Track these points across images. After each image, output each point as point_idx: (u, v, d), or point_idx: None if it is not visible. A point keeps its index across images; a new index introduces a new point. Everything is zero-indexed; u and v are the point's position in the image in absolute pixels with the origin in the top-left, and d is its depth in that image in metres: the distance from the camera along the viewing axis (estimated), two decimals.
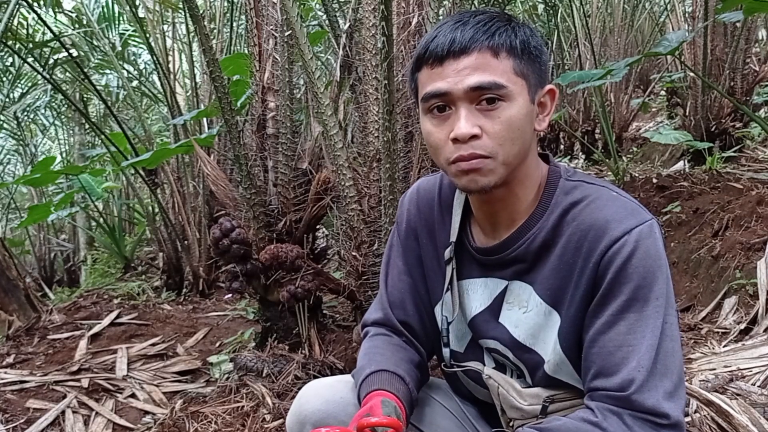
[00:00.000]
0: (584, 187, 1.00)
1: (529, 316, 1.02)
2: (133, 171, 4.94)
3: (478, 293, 1.08)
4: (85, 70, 4.94)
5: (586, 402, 0.94)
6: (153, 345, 2.95)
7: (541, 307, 1.00)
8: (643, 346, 0.90)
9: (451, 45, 0.92)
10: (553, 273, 0.99)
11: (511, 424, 1.06)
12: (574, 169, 1.06)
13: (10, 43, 4.46)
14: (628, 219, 0.93)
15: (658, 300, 0.91)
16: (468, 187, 0.97)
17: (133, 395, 2.47)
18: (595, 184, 1.01)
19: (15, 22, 4.47)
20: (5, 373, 2.61)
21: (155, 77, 5.47)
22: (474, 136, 0.92)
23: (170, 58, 4.62)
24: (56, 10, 5.21)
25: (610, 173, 4.46)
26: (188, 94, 4.80)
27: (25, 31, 5.05)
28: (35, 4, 4.71)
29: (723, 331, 2.36)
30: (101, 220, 5.58)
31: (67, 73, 5.97)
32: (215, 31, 4.33)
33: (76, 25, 5.49)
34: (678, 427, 0.90)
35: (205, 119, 4.11)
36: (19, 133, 6.40)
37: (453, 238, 1.09)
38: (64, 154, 7.15)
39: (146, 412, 2.35)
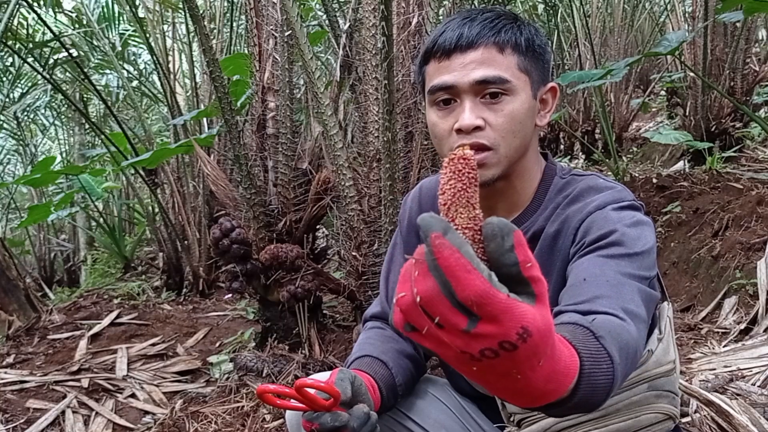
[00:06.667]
0: (573, 179, 1.04)
1: None
2: (133, 171, 4.94)
3: None
4: (85, 70, 4.93)
5: (587, 317, 0.78)
6: (153, 345, 2.94)
7: None
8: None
9: (459, 39, 0.96)
10: (539, 255, 1.01)
11: (512, 419, 1.06)
12: (569, 167, 1.09)
13: (10, 43, 4.46)
14: (607, 193, 0.98)
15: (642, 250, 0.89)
16: None
17: (133, 395, 2.47)
18: (583, 175, 1.05)
19: (15, 22, 4.47)
20: (5, 373, 2.61)
21: (155, 77, 5.47)
22: (477, 128, 0.95)
23: (170, 58, 4.61)
24: (56, 10, 5.21)
25: (610, 173, 4.46)
26: (188, 94, 4.80)
27: (25, 31, 5.05)
28: (35, 4, 4.72)
29: (723, 331, 2.36)
30: (101, 220, 5.57)
31: (67, 73, 5.96)
32: (215, 31, 4.33)
33: (76, 25, 5.49)
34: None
35: (205, 119, 4.11)
36: (19, 133, 6.39)
37: None
38: (64, 154, 7.14)
39: (146, 412, 2.35)
